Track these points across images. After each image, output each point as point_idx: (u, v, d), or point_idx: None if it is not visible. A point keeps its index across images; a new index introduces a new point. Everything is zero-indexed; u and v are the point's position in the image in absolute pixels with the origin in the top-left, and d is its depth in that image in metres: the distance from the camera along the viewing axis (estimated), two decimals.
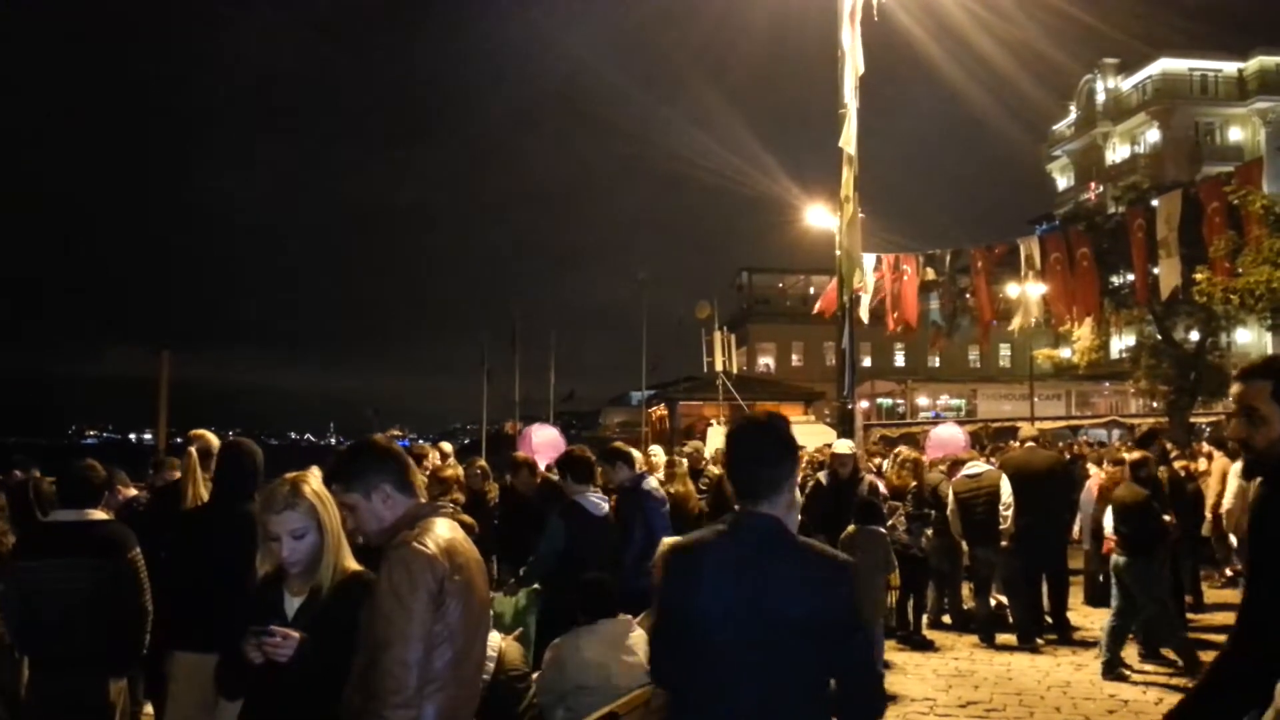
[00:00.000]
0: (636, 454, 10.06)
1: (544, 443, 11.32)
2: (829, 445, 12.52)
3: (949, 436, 10.97)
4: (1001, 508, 9.08)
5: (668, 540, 3.75)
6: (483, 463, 9.55)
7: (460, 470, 9.07)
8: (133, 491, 6.87)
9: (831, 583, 2.73)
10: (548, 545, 6.18)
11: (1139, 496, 8.04)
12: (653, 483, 7.58)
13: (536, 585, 6.41)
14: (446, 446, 11.30)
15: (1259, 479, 2.76)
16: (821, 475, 9.93)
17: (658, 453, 11.29)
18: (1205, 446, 14.12)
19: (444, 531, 2.77)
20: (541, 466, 8.69)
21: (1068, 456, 14.97)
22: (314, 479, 3.11)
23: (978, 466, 9.58)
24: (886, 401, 47.25)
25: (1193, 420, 29.00)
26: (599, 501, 6.39)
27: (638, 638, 4.81)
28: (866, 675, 2.84)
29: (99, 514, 4.79)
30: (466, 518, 3.44)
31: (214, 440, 6.22)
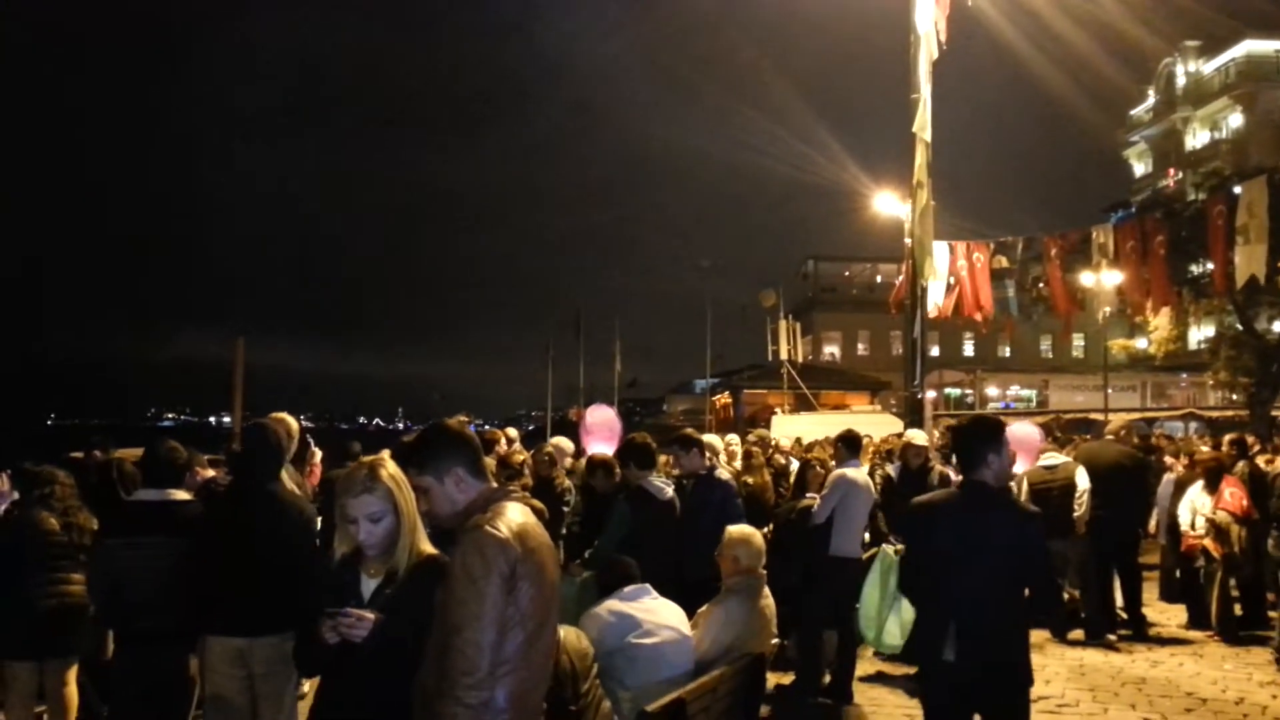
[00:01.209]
0: (716, 440, 10.03)
1: (598, 422, 11.30)
2: (898, 435, 12.36)
3: (1024, 435, 10.46)
4: (1077, 494, 8.92)
5: (917, 499, 4.66)
6: (550, 448, 9.59)
7: (528, 455, 9.14)
8: (210, 473, 7.03)
9: (1026, 524, 4.19)
10: (613, 529, 6.22)
11: None
12: (724, 472, 7.54)
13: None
14: (512, 432, 11.40)
15: None
16: (890, 468, 9.83)
17: (734, 441, 11.29)
18: None
19: (516, 515, 2.79)
20: (594, 447, 8.65)
21: (1142, 449, 14.58)
22: (390, 463, 3.16)
23: (1054, 458, 9.39)
24: (955, 392, 46.52)
25: (1275, 414, 28.13)
26: (663, 486, 6.41)
27: (656, 602, 4.89)
28: (1049, 583, 4.55)
29: (182, 494, 4.91)
30: (537, 503, 3.47)
31: (293, 423, 6.34)
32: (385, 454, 3.59)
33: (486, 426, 16.85)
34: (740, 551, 5.49)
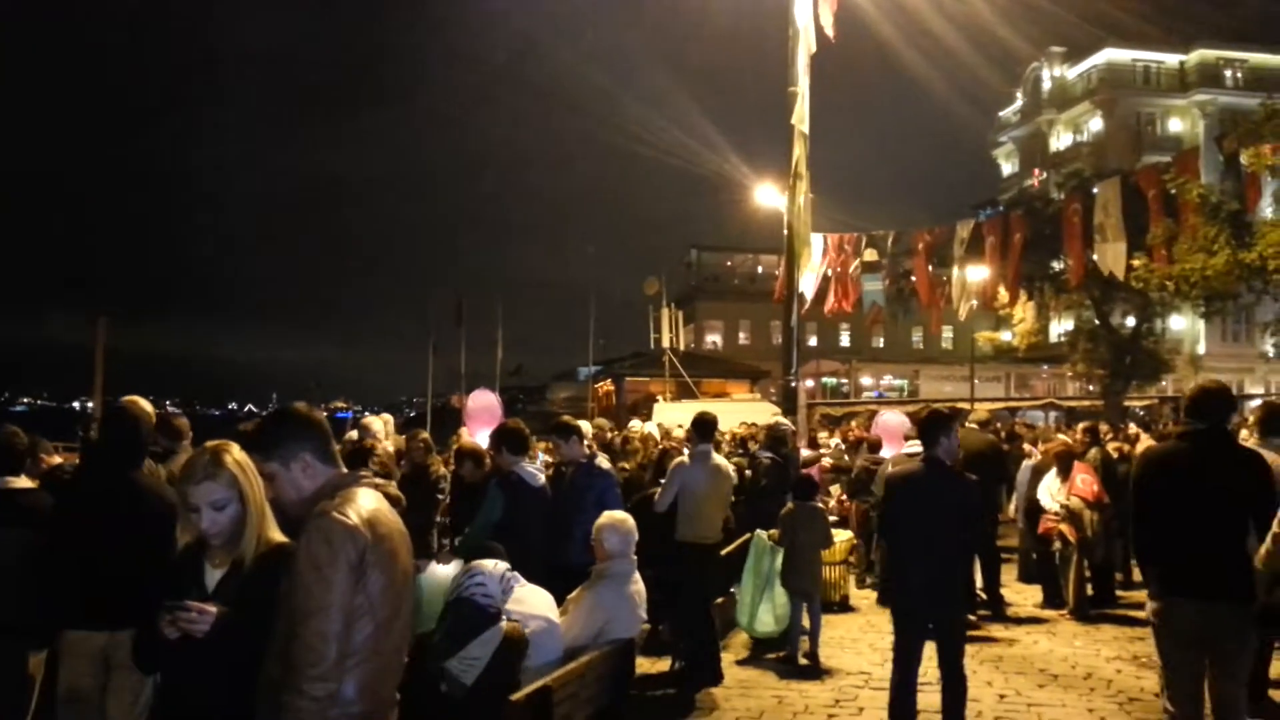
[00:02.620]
0: (587, 427, 10.04)
1: (479, 407, 11.21)
2: (754, 423, 12.74)
3: (894, 423, 11.22)
4: None
5: (889, 471, 6.59)
6: (425, 435, 9.41)
7: (398, 442, 8.96)
8: (57, 460, 6.67)
9: (967, 489, 5.58)
10: (485, 515, 6.15)
11: None
12: (604, 461, 7.54)
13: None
14: (388, 417, 11.21)
15: None
16: (766, 454, 9.97)
17: (605, 424, 11.36)
18: (1132, 429, 14.41)
19: (367, 502, 2.70)
20: (474, 432, 8.54)
21: (1004, 437, 15.17)
22: (236, 448, 3.02)
23: (916, 446, 9.67)
24: (831, 381, 47.65)
25: (1126, 404, 29.62)
26: (535, 472, 6.39)
27: (524, 590, 4.85)
28: (978, 525, 6.14)
29: (22, 482, 4.66)
30: (393, 489, 3.37)
31: (148, 408, 6.05)
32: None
33: (367, 413, 16.46)
34: (611, 536, 5.48)
